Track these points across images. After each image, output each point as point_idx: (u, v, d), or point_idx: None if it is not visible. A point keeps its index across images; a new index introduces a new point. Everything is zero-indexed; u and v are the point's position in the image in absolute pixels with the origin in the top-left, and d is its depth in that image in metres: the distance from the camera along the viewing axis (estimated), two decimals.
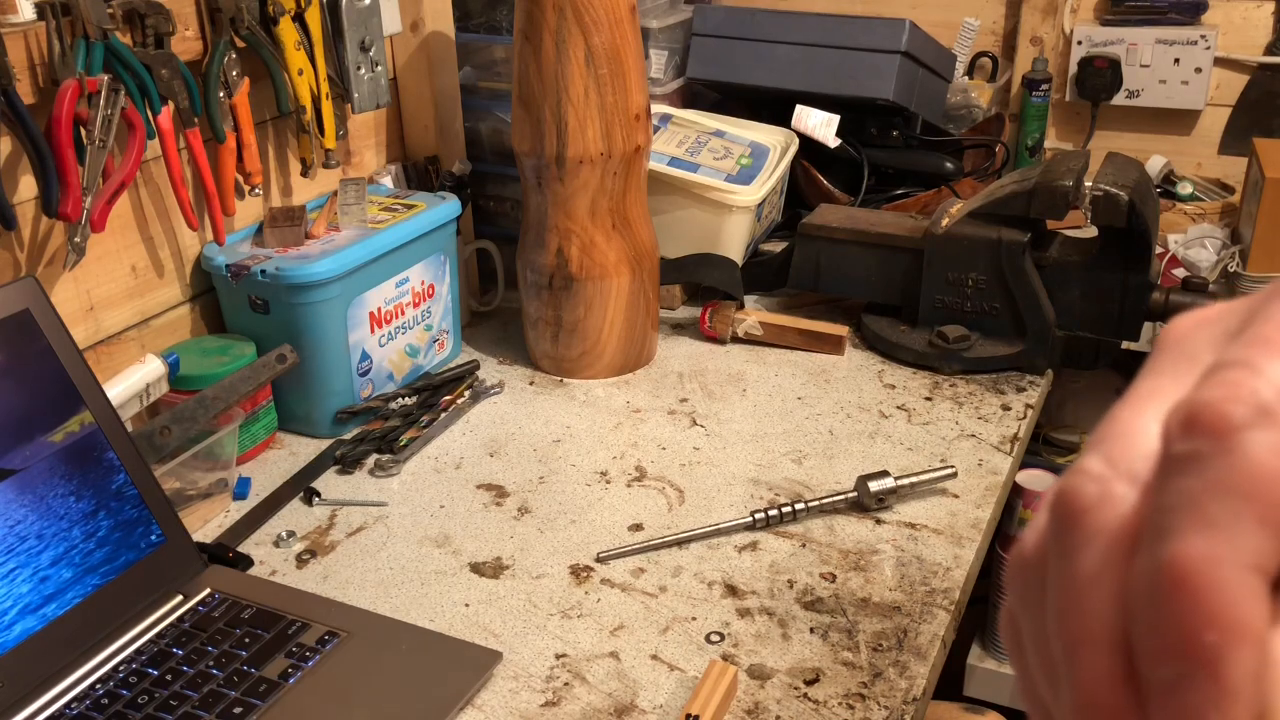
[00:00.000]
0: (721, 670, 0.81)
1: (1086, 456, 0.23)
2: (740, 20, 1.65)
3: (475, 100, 1.48)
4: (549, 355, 1.30)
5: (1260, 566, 0.19)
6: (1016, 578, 0.24)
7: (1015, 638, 0.24)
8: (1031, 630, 0.23)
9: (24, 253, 1.02)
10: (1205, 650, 0.19)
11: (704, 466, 1.11)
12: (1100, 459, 0.22)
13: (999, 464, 1.10)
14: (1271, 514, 0.19)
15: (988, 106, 1.83)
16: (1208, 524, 0.20)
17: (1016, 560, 0.24)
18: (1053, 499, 0.23)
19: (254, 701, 0.79)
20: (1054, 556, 0.22)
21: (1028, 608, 0.24)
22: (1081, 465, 0.22)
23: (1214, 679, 0.19)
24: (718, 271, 1.40)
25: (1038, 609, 0.23)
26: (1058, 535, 0.22)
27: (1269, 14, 1.75)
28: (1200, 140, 1.84)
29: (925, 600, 0.91)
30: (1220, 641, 0.19)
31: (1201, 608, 0.19)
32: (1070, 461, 1.81)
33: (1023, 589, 0.24)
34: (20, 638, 0.80)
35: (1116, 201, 1.16)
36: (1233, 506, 0.19)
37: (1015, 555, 0.24)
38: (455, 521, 1.04)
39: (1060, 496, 0.22)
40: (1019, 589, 0.24)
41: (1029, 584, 0.23)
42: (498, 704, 0.82)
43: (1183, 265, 1.58)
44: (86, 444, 0.87)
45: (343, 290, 1.14)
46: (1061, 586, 0.22)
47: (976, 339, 1.26)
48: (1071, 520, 0.22)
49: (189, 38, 1.10)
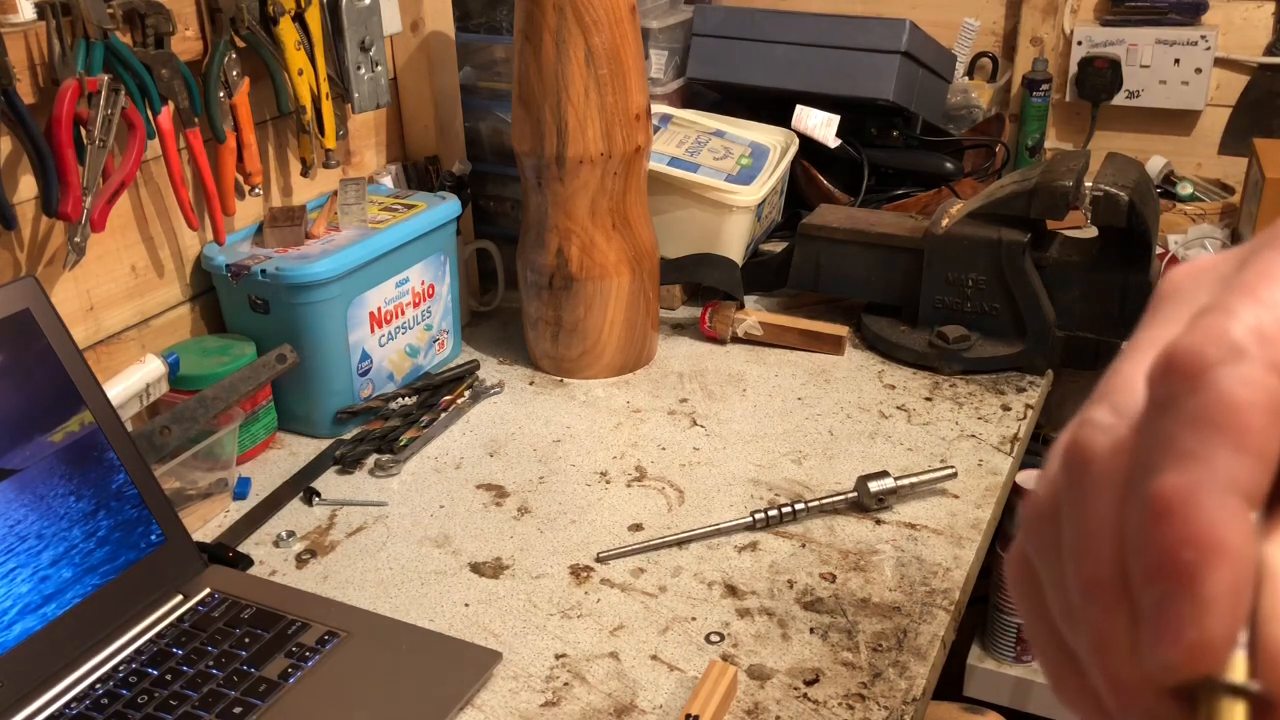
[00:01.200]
0: (721, 670, 0.81)
1: (1093, 408, 0.24)
2: (740, 20, 1.65)
3: (475, 100, 1.48)
4: (549, 355, 1.30)
5: (1238, 489, 0.21)
6: (1031, 527, 0.25)
7: (1028, 584, 0.25)
8: (1050, 578, 0.24)
9: (24, 253, 1.02)
10: (1183, 567, 0.20)
11: (704, 466, 1.11)
12: (1106, 408, 0.23)
13: (999, 464, 1.10)
14: (1245, 440, 0.21)
15: (988, 107, 1.83)
16: (1184, 456, 0.21)
17: (1031, 510, 0.25)
18: (1063, 449, 0.24)
19: (254, 701, 0.79)
20: (1066, 504, 0.23)
21: (1044, 556, 0.24)
22: (1088, 415, 0.23)
23: (1191, 594, 0.20)
24: (718, 271, 1.40)
25: (1054, 556, 0.24)
26: (1069, 484, 0.23)
27: (1269, 14, 1.75)
28: (1200, 140, 1.84)
29: (925, 600, 0.91)
30: (1197, 559, 0.20)
31: (1179, 530, 0.20)
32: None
33: (1038, 538, 0.25)
34: (20, 637, 0.80)
35: (1116, 202, 1.16)
36: (1206, 437, 0.21)
37: (1029, 505, 0.25)
38: (455, 521, 1.04)
39: (1070, 446, 0.23)
40: (1034, 539, 0.25)
41: (1044, 533, 0.24)
42: (497, 704, 0.82)
43: None
44: (86, 444, 0.87)
45: (343, 290, 1.14)
46: (1075, 533, 0.23)
47: (976, 339, 1.26)
48: (1081, 468, 0.23)
49: (189, 38, 1.10)
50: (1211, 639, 0.20)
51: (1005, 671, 1.73)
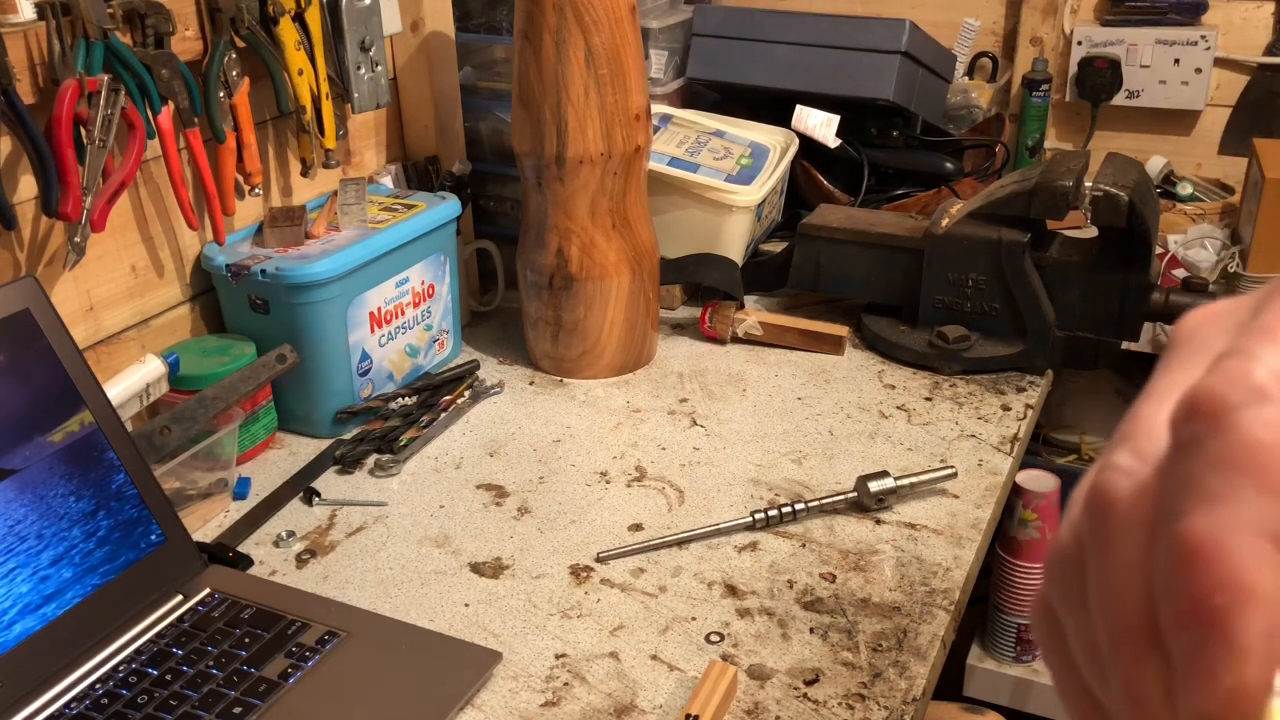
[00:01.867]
0: (721, 670, 0.81)
1: (1115, 452, 0.23)
2: (740, 20, 1.65)
3: (475, 100, 1.48)
4: (549, 355, 1.30)
5: (1265, 531, 0.20)
6: (1055, 575, 0.25)
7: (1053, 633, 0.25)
8: (1075, 626, 0.24)
9: (24, 253, 1.02)
10: (1215, 613, 0.20)
11: (704, 466, 1.11)
12: (1128, 453, 0.23)
13: (999, 464, 1.10)
14: (1271, 481, 0.20)
15: (988, 107, 1.83)
16: (1210, 498, 0.20)
17: (1054, 558, 0.25)
18: (1086, 495, 0.23)
19: (254, 701, 0.79)
20: (1092, 551, 0.23)
21: (1069, 604, 0.24)
22: (1111, 460, 0.23)
23: (1225, 640, 0.20)
24: (718, 271, 1.40)
25: (1079, 604, 0.24)
26: (1094, 530, 0.23)
27: (1269, 14, 1.75)
28: (1200, 140, 1.84)
29: (925, 600, 0.91)
30: (1228, 603, 0.20)
31: (1209, 574, 0.20)
32: (1070, 462, 1.81)
33: (1062, 586, 0.24)
34: (20, 637, 0.80)
35: (1116, 202, 1.16)
36: (1232, 479, 0.20)
37: (1052, 553, 0.25)
38: (455, 521, 1.04)
39: (1093, 492, 0.23)
40: (1058, 586, 0.25)
41: (1068, 581, 0.24)
42: (497, 704, 0.82)
43: (1183, 265, 1.58)
44: (86, 444, 0.87)
45: (343, 290, 1.14)
46: (1101, 580, 0.23)
47: (976, 339, 1.26)
48: (1105, 512, 0.23)
49: (189, 38, 1.10)
50: (1247, 686, 0.20)
51: (1005, 671, 1.73)
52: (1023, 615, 1.69)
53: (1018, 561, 1.64)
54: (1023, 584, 1.66)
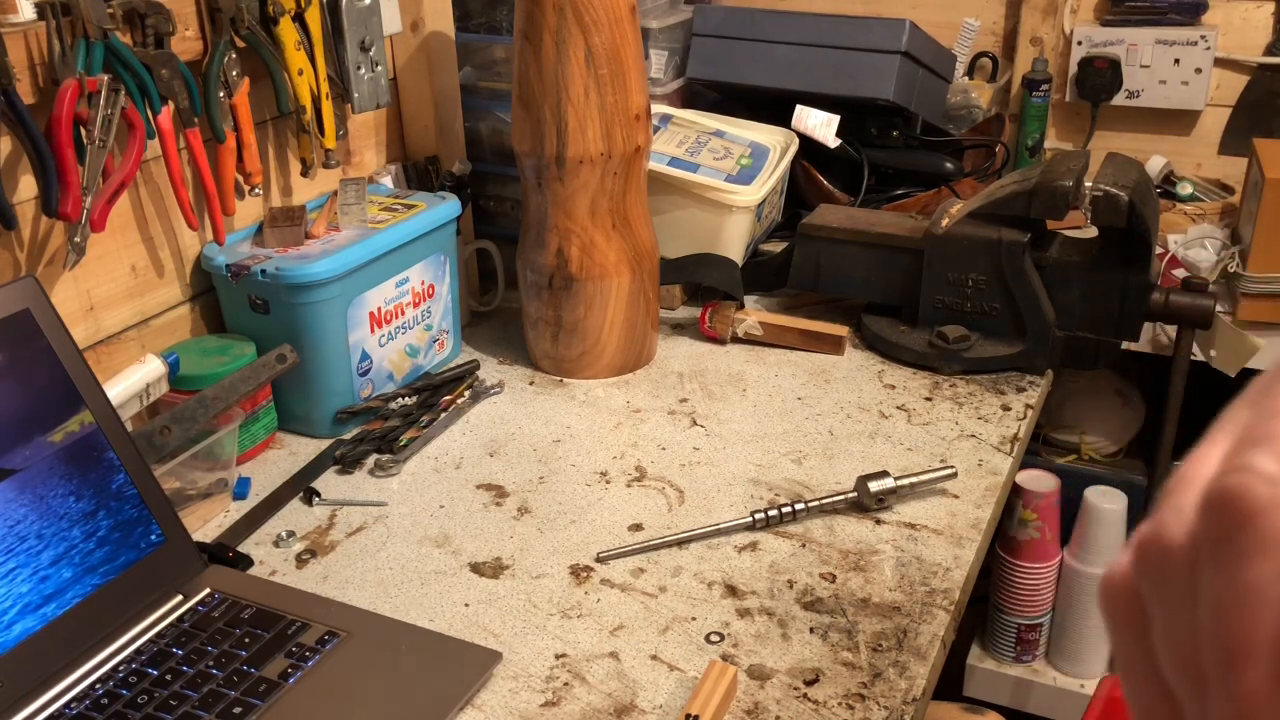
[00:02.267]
0: (721, 670, 0.81)
1: (1254, 455, 0.21)
2: (740, 20, 1.65)
3: (475, 100, 1.48)
4: (549, 355, 1.30)
5: None
6: (1152, 566, 0.23)
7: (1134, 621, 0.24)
8: (1169, 623, 0.23)
9: (24, 252, 1.02)
10: None
11: (704, 466, 1.11)
12: (1273, 459, 0.21)
13: (999, 464, 1.10)
14: None
15: (988, 107, 1.83)
16: None
17: (1154, 548, 0.23)
18: (1217, 496, 0.22)
19: (254, 701, 0.79)
20: (1214, 555, 0.21)
21: (1165, 599, 0.23)
22: (1250, 463, 0.21)
23: None
24: (718, 271, 1.40)
25: (1181, 604, 0.22)
26: (1222, 534, 0.21)
27: (1269, 14, 1.75)
28: (1200, 140, 1.84)
29: (925, 600, 0.91)
30: None
31: None
32: (1070, 462, 1.81)
33: (1159, 579, 0.23)
34: (20, 637, 0.80)
35: (1116, 202, 1.16)
36: None
37: (1154, 541, 0.23)
38: (455, 521, 1.04)
39: (1227, 494, 0.21)
40: (1154, 578, 0.23)
41: (1170, 577, 0.23)
42: (497, 704, 0.82)
43: (1183, 265, 1.58)
44: (86, 444, 0.87)
45: (343, 290, 1.14)
46: (1225, 590, 0.21)
47: (976, 339, 1.26)
48: (1242, 522, 0.21)
49: (189, 38, 1.10)
50: None
51: (1005, 671, 1.73)
52: (1022, 615, 1.69)
53: (1018, 561, 1.64)
54: (1023, 584, 1.66)
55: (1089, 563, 1.63)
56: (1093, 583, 1.63)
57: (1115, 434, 1.84)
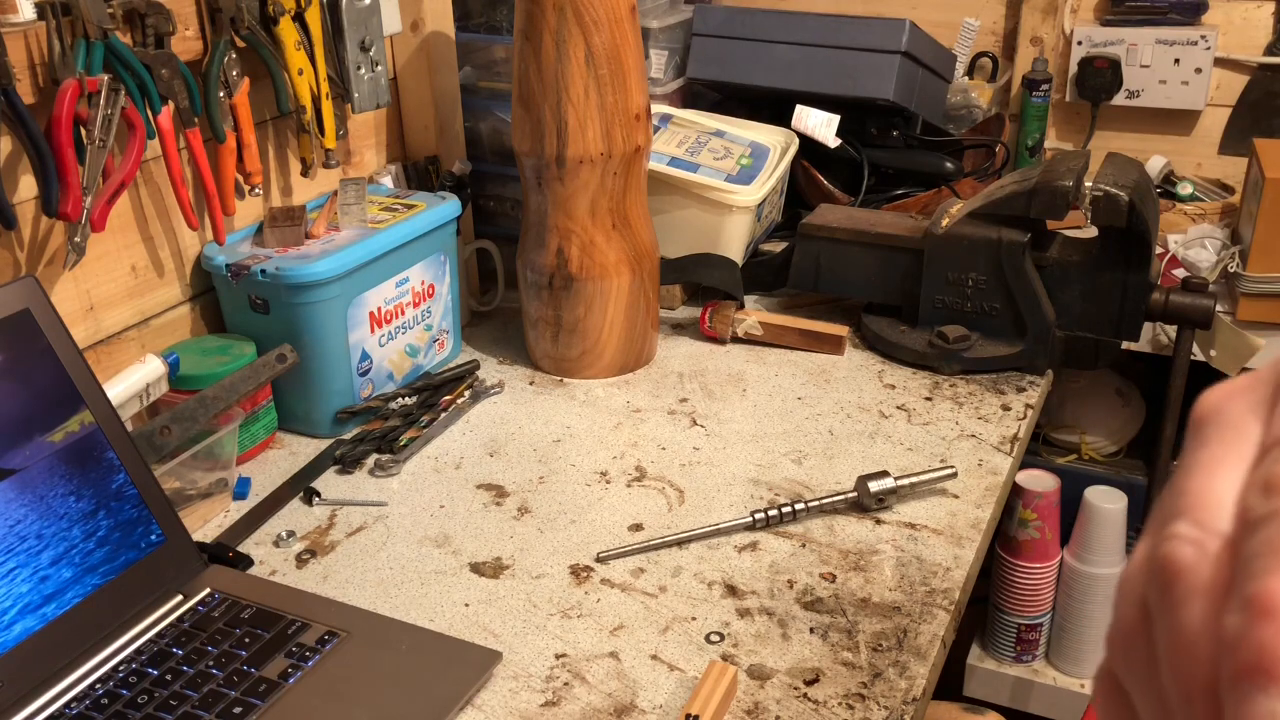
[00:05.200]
0: (721, 670, 0.81)
1: (1174, 523, 0.25)
2: (740, 20, 1.65)
3: (475, 100, 1.48)
4: (549, 355, 1.30)
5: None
6: (1119, 648, 0.26)
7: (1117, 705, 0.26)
8: (1142, 693, 0.25)
9: (24, 252, 1.02)
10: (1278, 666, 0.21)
11: (704, 466, 1.11)
12: (1188, 523, 0.24)
13: (999, 464, 1.10)
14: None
15: (988, 107, 1.83)
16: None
17: (1118, 633, 0.26)
18: (1149, 567, 0.25)
19: (254, 701, 0.79)
20: (1160, 615, 0.24)
21: (1135, 673, 0.26)
22: (1173, 531, 0.25)
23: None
24: (718, 271, 1.40)
25: (1145, 671, 0.25)
26: (1161, 595, 0.24)
27: (1269, 14, 1.75)
28: (1200, 140, 1.84)
29: (925, 600, 0.91)
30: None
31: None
32: (1070, 462, 1.81)
33: (1127, 657, 0.26)
34: (20, 637, 0.80)
35: (1116, 201, 1.16)
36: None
37: (1115, 630, 0.26)
38: (455, 521, 1.04)
39: (1159, 562, 0.25)
40: (1123, 658, 0.26)
41: (1132, 650, 0.25)
42: (497, 704, 0.82)
43: (1183, 265, 1.58)
44: (86, 444, 0.87)
45: (343, 290, 1.14)
46: (1171, 641, 0.24)
47: (976, 339, 1.26)
48: (1172, 580, 0.24)
49: (189, 37, 1.10)
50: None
51: (1005, 671, 1.73)
52: (1022, 615, 1.69)
53: (1018, 561, 1.64)
54: (1023, 584, 1.66)
55: (1089, 563, 1.63)
56: (1093, 582, 1.63)
57: (1115, 434, 1.84)
